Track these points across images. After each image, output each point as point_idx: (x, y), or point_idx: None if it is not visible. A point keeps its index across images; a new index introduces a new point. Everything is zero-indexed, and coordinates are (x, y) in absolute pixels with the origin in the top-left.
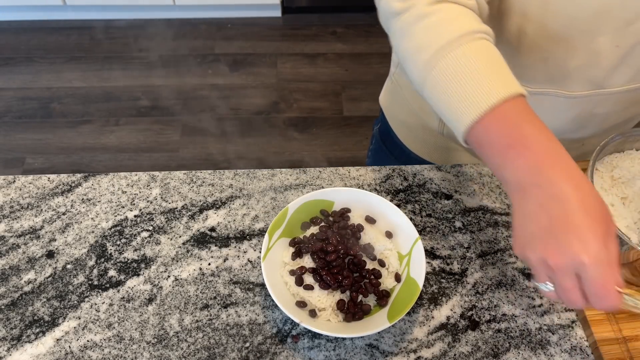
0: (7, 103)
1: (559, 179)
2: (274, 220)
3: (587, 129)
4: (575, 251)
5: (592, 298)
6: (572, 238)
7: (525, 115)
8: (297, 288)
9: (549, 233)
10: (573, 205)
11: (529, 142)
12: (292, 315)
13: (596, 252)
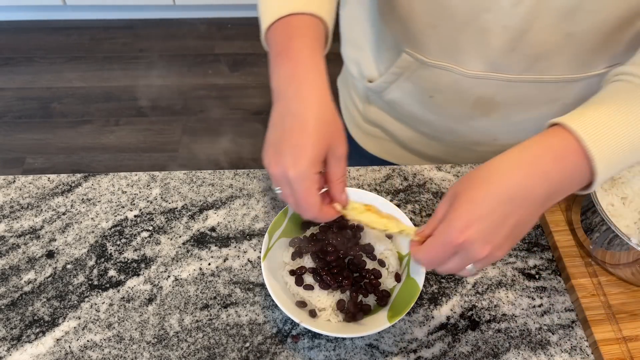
0: (7, 103)
1: (302, 95)
2: (274, 220)
3: (495, 120)
4: (286, 165)
5: (297, 207)
6: (287, 153)
7: (304, 30)
8: (297, 288)
9: (276, 144)
10: (299, 124)
11: (293, 53)
12: (292, 315)
13: (303, 169)
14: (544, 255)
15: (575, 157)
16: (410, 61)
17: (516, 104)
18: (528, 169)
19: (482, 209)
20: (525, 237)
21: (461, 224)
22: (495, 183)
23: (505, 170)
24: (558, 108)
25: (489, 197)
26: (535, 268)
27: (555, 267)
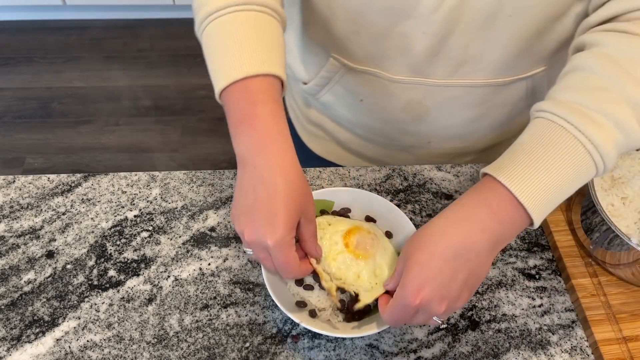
0: (7, 103)
1: (271, 164)
2: None
3: (427, 124)
4: (263, 233)
5: (279, 271)
6: (262, 221)
7: (264, 95)
8: (297, 288)
9: (250, 212)
10: (271, 192)
11: (257, 122)
12: (292, 315)
13: (281, 237)
14: (544, 255)
15: (510, 209)
16: (337, 66)
17: (446, 107)
18: (467, 226)
19: (430, 269)
20: (525, 237)
21: (414, 287)
22: (437, 243)
23: (446, 230)
24: (488, 110)
25: (435, 258)
26: (535, 268)
27: (555, 267)
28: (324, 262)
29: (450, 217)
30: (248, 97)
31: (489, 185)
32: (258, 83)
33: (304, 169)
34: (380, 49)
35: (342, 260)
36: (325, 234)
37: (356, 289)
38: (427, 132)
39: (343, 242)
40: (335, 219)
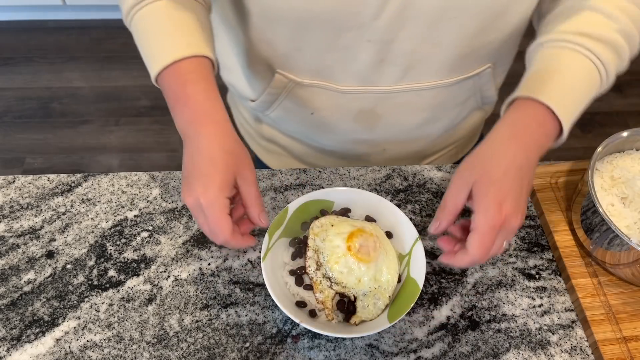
0: (7, 103)
1: (205, 134)
2: (274, 221)
3: (379, 131)
4: (197, 194)
5: (210, 233)
6: (197, 183)
7: (194, 75)
8: (297, 288)
9: (189, 178)
10: (205, 157)
11: (189, 100)
12: (292, 315)
13: (212, 195)
14: (544, 255)
15: (551, 123)
16: (284, 82)
17: (397, 113)
18: (524, 140)
19: (505, 185)
20: (525, 237)
21: (496, 206)
22: (503, 160)
23: (507, 147)
24: (439, 112)
25: (506, 174)
26: (535, 268)
27: (555, 267)
28: (325, 266)
29: (504, 134)
30: (179, 78)
31: (531, 105)
32: (186, 65)
33: (303, 169)
34: (325, 62)
35: (344, 263)
36: (328, 235)
37: (355, 293)
38: (380, 140)
39: (346, 245)
40: (338, 219)
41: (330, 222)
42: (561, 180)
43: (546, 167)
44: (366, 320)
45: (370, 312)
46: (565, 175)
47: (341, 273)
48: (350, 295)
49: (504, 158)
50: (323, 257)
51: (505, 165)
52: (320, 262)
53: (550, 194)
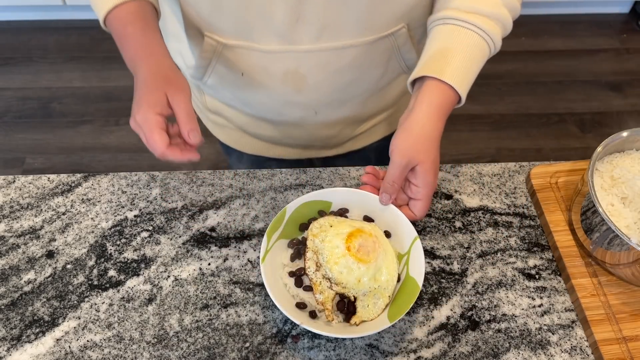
0: (7, 103)
1: (141, 67)
2: (272, 222)
3: (308, 93)
4: (134, 113)
5: (150, 149)
6: (135, 106)
7: (133, 16)
8: (296, 289)
9: (134, 105)
10: (140, 84)
11: (130, 39)
12: (292, 316)
13: (144, 111)
14: (544, 255)
15: (453, 97)
16: (213, 44)
17: (320, 73)
18: (441, 117)
19: (437, 161)
20: (525, 237)
21: (435, 179)
22: (433, 140)
23: (432, 126)
24: (361, 73)
25: (436, 149)
26: (535, 268)
27: (555, 267)
28: (325, 267)
29: (428, 114)
30: (120, 21)
31: (437, 84)
32: (126, 8)
33: (303, 169)
34: (246, 21)
35: (344, 264)
36: (327, 236)
37: (355, 294)
38: (310, 102)
39: (345, 245)
40: (337, 220)
41: (329, 222)
42: (561, 180)
43: (546, 167)
44: (366, 320)
45: (370, 312)
46: (565, 175)
47: (341, 273)
48: (350, 295)
49: (433, 139)
50: (322, 257)
51: (436, 146)
52: (319, 263)
53: (550, 194)
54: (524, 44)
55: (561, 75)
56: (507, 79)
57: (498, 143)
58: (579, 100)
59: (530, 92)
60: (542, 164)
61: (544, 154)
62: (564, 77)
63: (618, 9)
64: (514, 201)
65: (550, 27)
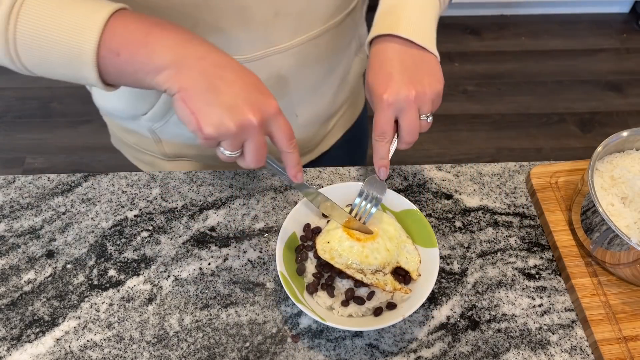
0: (7, 103)
1: (211, 49)
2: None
3: (290, 96)
4: (267, 104)
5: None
6: (259, 95)
7: (141, 13)
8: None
9: (238, 97)
10: (242, 70)
11: (164, 24)
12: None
13: (275, 101)
14: (544, 255)
15: None
16: None
17: (301, 70)
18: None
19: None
20: (525, 237)
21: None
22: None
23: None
24: (333, 59)
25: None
26: (535, 268)
27: (555, 267)
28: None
29: (393, 48)
30: (132, 17)
31: (394, 40)
32: (127, 11)
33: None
34: (224, 32)
35: (365, 251)
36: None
37: (396, 260)
38: (292, 104)
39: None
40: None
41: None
42: (561, 180)
43: (546, 167)
44: (415, 269)
45: (413, 260)
46: (565, 175)
47: (375, 259)
48: (393, 265)
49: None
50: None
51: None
52: (354, 267)
53: (550, 194)
54: (524, 44)
55: (561, 75)
56: (507, 79)
57: (498, 143)
58: (579, 100)
59: (530, 92)
60: (542, 163)
61: (544, 154)
62: (564, 77)
63: (618, 9)
64: (514, 201)
65: (550, 27)
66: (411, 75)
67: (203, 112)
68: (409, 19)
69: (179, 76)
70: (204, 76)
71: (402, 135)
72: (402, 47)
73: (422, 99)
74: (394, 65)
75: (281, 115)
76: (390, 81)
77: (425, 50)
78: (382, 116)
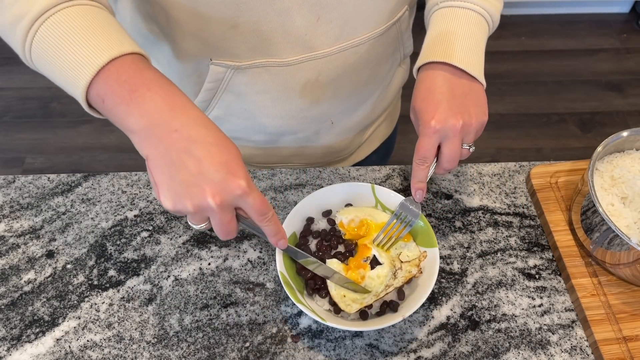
0: (7, 103)
1: (191, 121)
2: None
3: (325, 102)
4: (231, 188)
5: (259, 215)
6: (225, 175)
7: (145, 64)
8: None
9: (200, 176)
10: (214, 147)
11: (153, 85)
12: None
13: (248, 180)
14: (544, 255)
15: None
16: (221, 71)
17: (339, 77)
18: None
19: (433, 103)
20: (525, 237)
21: (430, 121)
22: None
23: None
24: (374, 68)
25: (435, 95)
26: (535, 268)
27: (555, 267)
28: None
29: (443, 77)
30: (130, 68)
31: (444, 67)
32: (128, 60)
33: (303, 169)
34: (263, 34)
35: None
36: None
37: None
38: (327, 112)
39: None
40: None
41: (338, 290)
42: (561, 180)
43: (546, 167)
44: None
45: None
46: (565, 175)
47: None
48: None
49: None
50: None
51: (435, 89)
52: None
53: (550, 194)
54: (524, 44)
55: (561, 75)
56: (507, 79)
57: (498, 143)
58: (579, 100)
59: (530, 92)
60: (542, 163)
61: (544, 154)
62: (564, 77)
63: (618, 9)
64: (514, 201)
65: (550, 27)
66: (459, 105)
67: (164, 185)
68: (462, 47)
69: (146, 145)
70: (170, 149)
71: (441, 162)
72: (453, 77)
73: (467, 129)
74: (443, 92)
75: (250, 195)
76: (438, 108)
77: (475, 80)
78: (426, 141)
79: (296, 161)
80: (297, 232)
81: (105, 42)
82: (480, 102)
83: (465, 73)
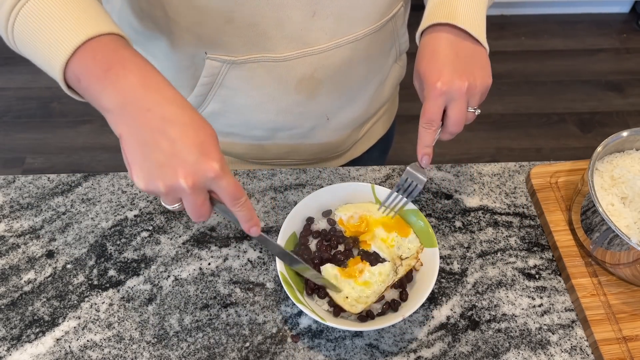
0: (7, 103)
1: (165, 100)
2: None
3: (321, 98)
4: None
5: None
6: (198, 157)
7: (122, 44)
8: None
9: (174, 157)
10: (189, 127)
11: (129, 63)
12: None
13: (222, 163)
14: (544, 255)
15: None
16: (217, 65)
17: (336, 74)
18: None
19: (438, 64)
20: (525, 237)
21: (435, 82)
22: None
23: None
24: (372, 64)
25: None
26: (535, 268)
27: (555, 267)
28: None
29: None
30: (106, 47)
31: (448, 29)
32: (106, 39)
33: (303, 169)
34: (259, 29)
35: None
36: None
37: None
38: (323, 108)
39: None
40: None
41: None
42: (561, 180)
43: (546, 167)
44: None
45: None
46: (565, 175)
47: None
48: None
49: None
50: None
51: (439, 50)
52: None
53: (550, 194)
54: (524, 44)
55: (561, 75)
56: (507, 79)
57: (498, 143)
58: (579, 100)
59: (530, 92)
60: (542, 163)
61: (544, 154)
62: (564, 77)
63: (618, 9)
64: (514, 201)
65: (550, 27)
66: (464, 67)
67: (137, 164)
68: (466, 9)
69: (119, 123)
70: (143, 129)
71: (447, 125)
72: (457, 38)
73: (472, 91)
74: (448, 55)
75: (223, 178)
76: (444, 70)
77: (478, 43)
78: (432, 104)
79: (292, 157)
80: (297, 232)
81: (83, 23)
82: (484, 64)
83: (469, 35)
